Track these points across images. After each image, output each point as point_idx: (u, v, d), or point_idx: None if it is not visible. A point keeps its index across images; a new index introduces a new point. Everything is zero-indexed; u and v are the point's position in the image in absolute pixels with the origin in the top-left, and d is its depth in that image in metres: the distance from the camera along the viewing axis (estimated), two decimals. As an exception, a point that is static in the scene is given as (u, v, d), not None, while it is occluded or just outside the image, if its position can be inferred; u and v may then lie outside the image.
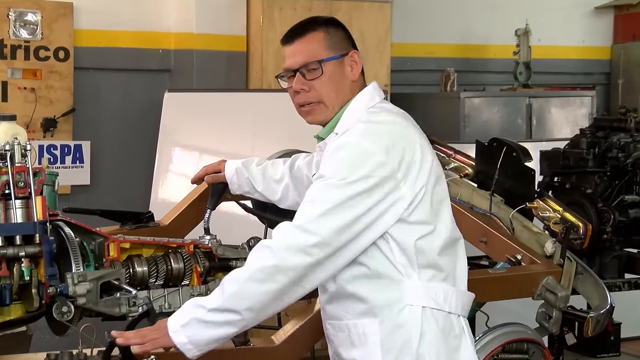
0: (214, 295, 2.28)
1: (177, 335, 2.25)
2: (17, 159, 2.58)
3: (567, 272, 3.29)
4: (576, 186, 4.19)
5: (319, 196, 2.29)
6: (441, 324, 2.36)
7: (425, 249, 2.34)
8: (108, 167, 5.60)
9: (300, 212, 2.31)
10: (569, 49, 7.63)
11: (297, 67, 2.44)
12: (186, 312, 2.28)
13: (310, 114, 2.48)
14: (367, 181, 2.27)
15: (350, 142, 2.33)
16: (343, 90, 2.45)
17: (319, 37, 2.44)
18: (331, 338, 2.46)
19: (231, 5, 5.72)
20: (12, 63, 5.24)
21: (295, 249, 2.24)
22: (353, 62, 2.46)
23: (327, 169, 2.33)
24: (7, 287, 2.53)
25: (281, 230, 2.30)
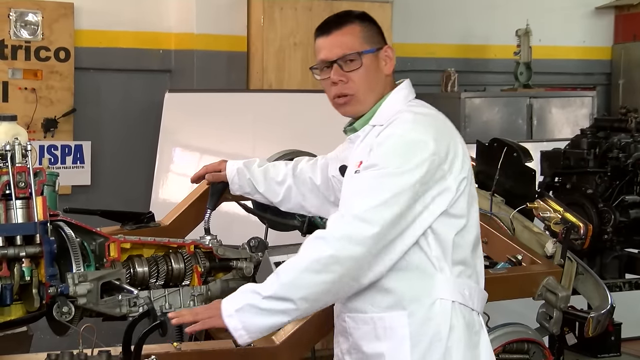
0: (269, 282, 2.28)
1: (231, 320, 2.27)
2: (17, 159, 2.58)
3: (567, 272, 3.29)
4: (577, 186, 4.19)
5: (375, 185, 2.29)
6: (467, 319, 2.39)
7: (460, 244, 2.38)
8: (109, 167, 5.60)
9: (355, 201, 2.30)
10: (570, 49, 7.63)
11: (335, 59, 2.45)
12: (241, 297, 2.29)
13: (345, 106, 2.50)
14: (420, 170, 2.29)
15: (400, 132, 2.35)
16: (377, 84, 2.47)
17: (356, 29, 2.46)
18: (350, 331, 2.44)
19: (232, 6, 5.72)
20: (12, 63, 5.24)
21: (353, 240, 2.24)
22: (387, 56, 2.48)
23: (378, 158, 2.33)
24: (7, 287, 2.52)
25: (338, 220, 2.29)
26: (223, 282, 2.92)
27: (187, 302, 2.83)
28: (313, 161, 2.92)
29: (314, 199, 2.88)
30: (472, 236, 2.42)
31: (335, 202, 2.82)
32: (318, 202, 2.88)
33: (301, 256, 2.28)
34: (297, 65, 5.70)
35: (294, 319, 2.33)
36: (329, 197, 2.84)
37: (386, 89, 2.49)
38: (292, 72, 5.70)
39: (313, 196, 2.88)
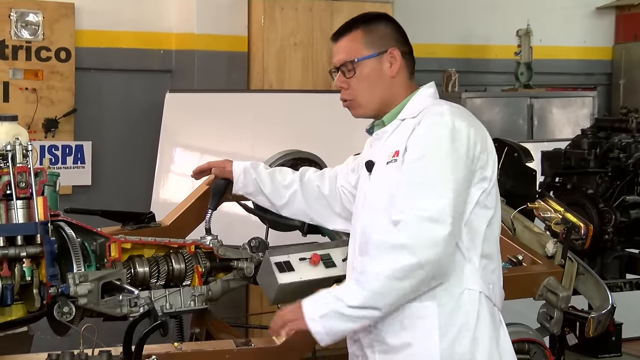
0: (352, 290, 2.31)
1: (314, 324, 2.31)
2: (18, 159, 2.58)
3: (568, 272, 3.30)
4: (577, 187, 4.19)
5: (434, 179, 2.32)
6: (491, 312, 2.43)
7: (489, 236, 2.43)
8: (109, 167, 5.60)
9: (419, 201, 2.31)
10: (570, 50, 7.62)
11: (338, 66, 2.53)
12: (324, 302, 2.33)
13: (349, 109, 2.57)
14: (468, 159, 2.35)
15: (445, 122, 2.38)
16: (380, 87, 2.51)
17: (358, 36, 2.51)
18: (375, 324, 2.44)
19: (232, 6, 5.71)
20: (13, 64, 5.23)
21: (431, 243, 2.28)
22: (392, 58, 2.50)
23: (429, 148, 2.36)
24: (8, 288, 2.53)
25: (411, 224, 2.30)
26: (224, 282, 2.93)
27: (188, 302, 2.83)
28: (321, 172, 2.97)
29: (318, 207, 2.92)
30: (498, 231, 2.48)
31: (340, 213, 2.87)
32: (322, 210, 2.92)
33: (382, 264, 2.30)
34: (298, 66, 5.70)
35: (375, 322, 2.39)
36: (335, 207, 2.89)
37: (399, 89, 2.52)
38: (293, 72, 5.70)
39: (318, 204, 2.92)
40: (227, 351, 2.65)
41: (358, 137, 2.90)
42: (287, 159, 3.39)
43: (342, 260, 2.89)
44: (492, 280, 2.45)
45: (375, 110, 2.53)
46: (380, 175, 2.50)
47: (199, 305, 2.86)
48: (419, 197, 2.32)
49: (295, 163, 3.42)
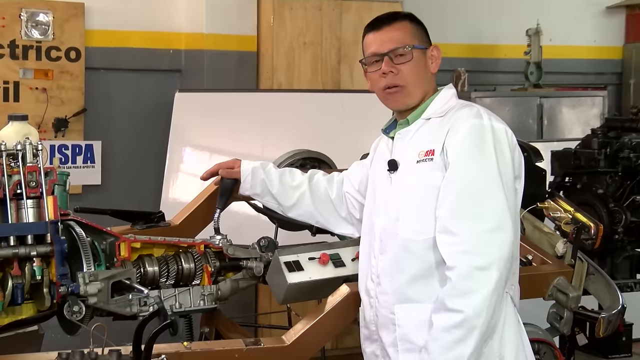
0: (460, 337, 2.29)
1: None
2: (28, 158, 2.59)
3: (578, 272, 3.28)
4: (587, 186, 4.17)
5: (486, 185, 2.35)
6: (514, 311, 2.47)
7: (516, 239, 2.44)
8: (119, 166, 5.61)
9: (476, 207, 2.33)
10: (580, 49, 7.60)
11: (386, 52, 2.52)
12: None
13: (394, 96, 2.55)
14: (510, 159, 2.40)
15: (483, 124, 2.41)
16: (424, 80, 2.55)
17: (407, 26, 2.56)
18: (399, 323, 2.47)
19: (241, 5, 5.72)
20: (23, 63, 5.25)
21: (505, 254, 2.32)
22: (433, 56, 2.56)
23: (474, 151, 2.38)
24: (19, 287, 2.54)
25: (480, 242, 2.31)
26: (233, 282, 2.93)
27: (197, 302, 2.84)
28: (330, 175, 2.97)
29: (325, 210, 2.93)
30: (519, 232, 2.55)
31: (346, 218, 2.88)
32: (329, 214, 2.92)
33: (475, 296, 2.30)
34: (307, 65, 5.70)
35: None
36: (340, 212, 2.90)
37: (430, 87, 2.56)
38: (302, 72, 5.70)
39: (325, 208, 2.93)
40: (237, 350, 2.64)
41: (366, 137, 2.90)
42: (296, 158, 3.40)
43: (351, 260, 2.89)
44: (514, 282, 2.48)
45: (416, 102, 2.54)
46: (408, 174, 2.49)
47: (209, 305, 2.86)
48: (476, 205, 2.34)
49: (304, 162, 3.43)
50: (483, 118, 2.42)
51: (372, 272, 2.55)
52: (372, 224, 2.59)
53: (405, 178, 2.49)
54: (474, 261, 2.29)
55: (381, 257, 2.52)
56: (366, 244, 2.61)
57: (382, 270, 2.51)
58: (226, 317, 3.11)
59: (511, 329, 2.43)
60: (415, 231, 2.42)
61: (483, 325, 2.29)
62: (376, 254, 2.54)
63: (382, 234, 2.52)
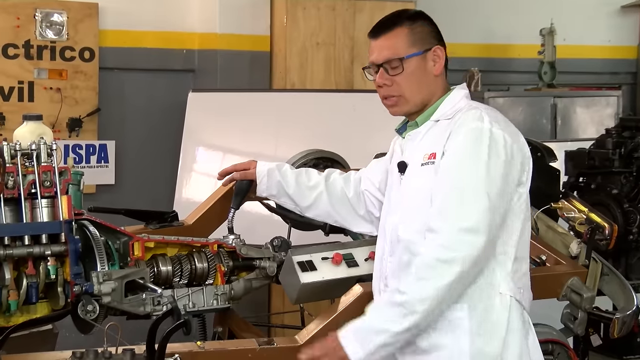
0: (395, 316, 2.31)
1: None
2: (43, 158, 2.60)
3: (592, 272, 3.27)
4: (602, 186, 4.15)
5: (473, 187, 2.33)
6: (521, 315, 2.44)
7: (521, 241, 2.44)
8: (132, 166, 5.62)
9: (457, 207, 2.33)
10: (595, 49, 7.57)
11: (381, 63, 2.51)
12: (367, 339, 2.33)
13: (392, 107, 2.55)
14: (506, 165, 2.36)
15: (481, 128, 2.38)
16: (425, 85, 2.51)
17: (403, 33, 2.50)
18: None
19: (255, 5, 5.72)
20: (38, 63, 5.27)
21: (474, 255, 2.31)
22: (436, 57, 2.52)
23: (468, 153, 2.37)
24: (33, 286, 2.55)
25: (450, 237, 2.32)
26: (246, 282, 2.93)
27: (211, 301, 2.84)
28: (346, 174, 2.96)
29: (342, 209, 2.92)
30: (529, 235, 2.49)
31: (364, 216, 2.87)
32: (346, 213, 2.91)
33: (427, 284, 2.31)
34: (320, 65, 5.70)
35: None
36: (359, 210, 2.89)
37: (437, 88, 2.53)
38: (315, 72, 5.70)
39: (342, 207, 2.92)
40: (250, 350, 2.65)
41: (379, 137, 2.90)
42: (309, 158, 3.40)
43: (364, 260, 2.89)
44: (523, 284, 2.46)
45: (418, 108, 2.53)
46: (414, 177, 2.50)
47: (222, 304, 2.87)
48: (458, 205, 2.33)
49: (318, 162, 3.43)
50: (484, 122, 2.39)
51: (383, 273, 2.56)
52: (385, 224, 2.59)
53: (412, 181, 2.50)
54: (440, 253, 2.30)
55: (390, 259, 2.53)
56: (380, 244, 2.62)
57: (391, 271, 2.52)
58: (239, 316, 3.11)
59: (515, 334, 2.41)
60: (418, 234, 2.42)
61: (424, 313, 2.29)
62: (386, 256, 2.56)
63: (392, 235, 2.53)
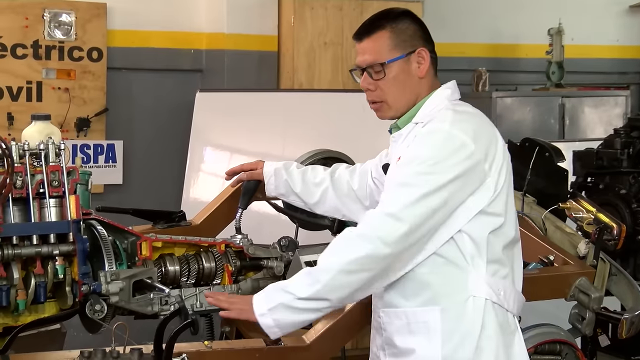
0: (302, 283, 2.32)
1: (264, 318, 2.33)
2: (51, 158, 2.61)
3: (600, 273, 3.27)
4: (610, 186, 4.14)
5: (411, 181, 2.31)
6: (500, 319, 2.40)
7: (494, 242, 2.39)
8: (140, 166, 5.64)
9: (391, 197, 2.33)
10: (603, 48, 7.55)
11: (364, 67, 2.49)
12: (273, 296, 2.34)
13: (377, 112, 2.54)
14: (459, 168, 2.31)
15: (440, 129, 2.36)
16: (409, 89, 2.48)
17: (385, 36, 2.47)
18: (384, 326, 2.47)
19: (262, 5, 5.73)
20: (46, 63, 5.29)
21: (389, 239, 2.27)
22: (421, 58, 2.48)
23: (416, 154, 2.36)
24: (41, 285, 2.56)
25: (374, 218, 2.32)
26: (254, 281, 2.94)
27: (218, 301, 2.84)
28: (352, 167, 2.96)
29: (350, 203, 2.92)
30: (509, 236, 2.43)
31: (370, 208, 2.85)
32: (353, 206, 2.92)
33: (336, 255, 2.32)
34: (328, 65, 5.71)
35: (325, 314, 2.40)
36: (365, 202, 2.89)
37: (423, 90, 2.49)
38: (323, 72, 5.71)
39: (349, 201, 2.92)
40: (257, 350, 2.65)
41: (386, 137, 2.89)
42: (316, 158, 3.40)
43: (371, 260, 2.88)
44: (503, 286, 2.41)
45: (403, 112, 2.50)
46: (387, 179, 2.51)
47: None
48: (391, 196, 2.33)
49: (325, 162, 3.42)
50: (443, 124, 2.37)
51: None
52: None
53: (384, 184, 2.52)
54: (358, 230, 2.32)
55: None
56: None
57: None
58: (247, 316, 3.11)
59: (491, 339, 2.37)
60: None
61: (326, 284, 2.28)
62: None
63: None
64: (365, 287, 2.32)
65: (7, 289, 2.50)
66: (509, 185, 2.43)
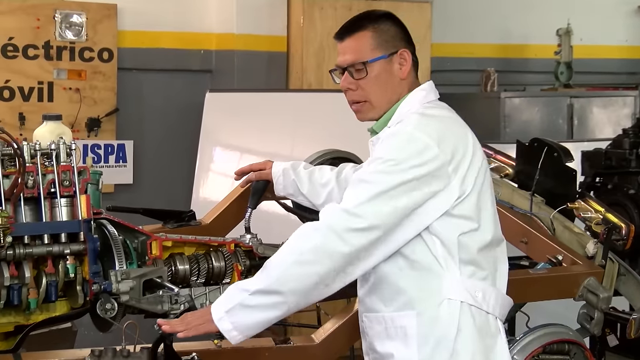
0: (257, 277, 2.29)
1: (222, 323, 2.27)
2: (62, 158, 2.62)
3: (609, 273, 3.27)
4: (618, 186, 4.14)
5: (370, 179, 2.30)
6: (478, 322, 2.36)
7: (467, 244, 2.34)
8: (150, 166, 5.66)
9: (349, 193, 2.32)
10: (612, 49, 7.54)
11: (345, 66, 2.47)
12: (229, 297, 2.29)
13: (358, 113, 2.52)
14: (419, 170, 2.28)
15: (404, 131, 2.35)
16: (391, 89, 2.46)
17: (367, 36, 2.45)
18: (367, 331, 2.46)
19: (272, 6, 5.75)
20: (57, 64, 5.32)
21: (342, 232, 2.24)
22: (402, 60, 2.46)
23: (380, 154, 2.34)
24: (52, 284, 2.57)
25: (329, 212, 2.30)
26: (263, 281, 2.94)
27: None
28: (359, 166, 2.94)
29: None
30: (484, 238, 2.38)
31: None
32: None
33: (289, 247, 2.29)
34: (337, 65, 5.72)
35: (284, 313, 2.30)
36: None
37: (404, 91, 2.47)
38: (332, 72, 5.71)
39: None
40: (266, 349, 2.66)
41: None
42: (325, 158, 3.41)
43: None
44: (482, 287, 2.37)
45: (385, 111, 2.48)
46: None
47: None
48: (351, 192, 2.32)
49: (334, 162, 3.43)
50: (407, 127, 2.35)
51: None
52: None
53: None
54: (313, 223, 2.29)
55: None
56: None
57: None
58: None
59: (468, 342, 2.33)
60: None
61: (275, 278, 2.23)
62: None
63: None
64: (320, 281, 2.26)
65: (19, 287, 2.51)
66: (482, 189, 2.37)
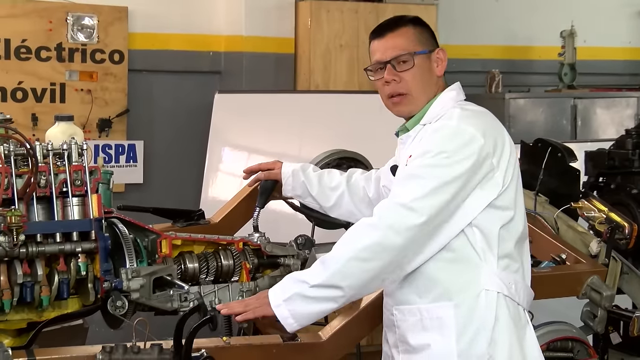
0: (316, 271, 2.35)
1: (279, 310, 2.35)
2: (74, 158, 2.63)
3: (612, 271, 3.29)
4: (621, 186, 4.15)
5: (423, 174, 2.35)
6: (512, 312, 2.43)
7: (506, 237, 2.42)
8: (160, 166, 5.69)
9: (402, 189, 2.36)
10: (615, 50, 7.53)
11: (389, 59, 2.52)
12: (288, 286, 2.37)
13: (398, 105, 2.56)
14: (468, 161, 2.35)
15: (449, 125, 2.41)
16: (429, 85, 2.53)
17: (409, 32, 2.54)
18: (398, 324, 2.49)
19: (280, 8, 5.77)
20: (69, 65, 5.35)
21: (401, 228, 2.30)
22: (439, 58, 2.55)
23: (428, 148, 2.39)
24: (64, 282, 2.58)
25: (386, 208, 2.35)
26: (271, 279, 2.95)
27: (236, 298, 2.86)
28: (367, 173, 3.00)
29: (365, 208, 2.94)
30: (518, 231, 2.46)
31: None
32: (369, 212, 2.90)
33: (348, 243, 2.34)
34: (343, 67, 5.74)
35: (342, 305, 2.39)
36: None
37: (438, 90, 2.55)
38: (339, 74, 5.74)
39: (364, 206, 2.95)
40: (274, 345, 2.67)
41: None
42: (332, 158, 3.44)
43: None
44: (514, 280, 2.44)
45: (422, 106, 2.54)
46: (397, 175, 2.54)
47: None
48: (405, 187, 2.37)
49: (341, 163, 3.46)
50: (451, 120, 2.42)
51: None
52: None
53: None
54: (369, 220, 2.34)
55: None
56: None
57: None
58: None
59: (505, 332, 2.40)
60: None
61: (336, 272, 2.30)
62: None
63: None
64: (378, 276, 2.34)
65: (32, 285, 2.53)
66: (517, 181, 2.46)
